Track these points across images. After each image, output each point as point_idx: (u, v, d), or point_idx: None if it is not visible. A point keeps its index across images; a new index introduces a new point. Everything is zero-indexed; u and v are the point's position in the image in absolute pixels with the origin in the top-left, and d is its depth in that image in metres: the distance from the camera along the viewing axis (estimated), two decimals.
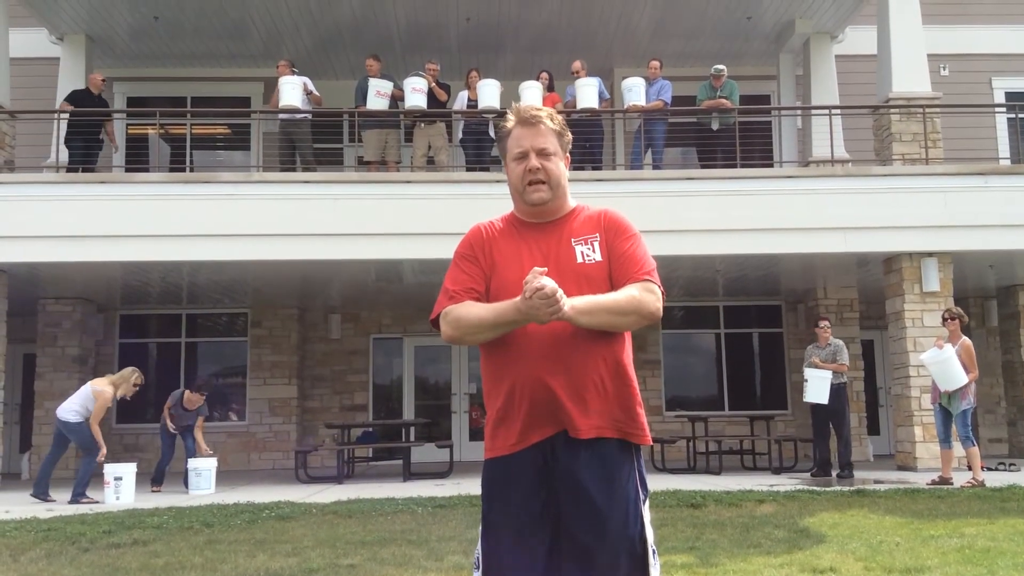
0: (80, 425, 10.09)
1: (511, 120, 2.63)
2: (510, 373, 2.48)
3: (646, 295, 2.49)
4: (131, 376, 10.53)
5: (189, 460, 11.03)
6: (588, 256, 2.54)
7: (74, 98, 13.06)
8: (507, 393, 2.48)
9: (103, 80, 13.44)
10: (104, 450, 10.16)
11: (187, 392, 11.51)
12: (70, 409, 10.14)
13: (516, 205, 2.67)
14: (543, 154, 2.57)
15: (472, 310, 2.49)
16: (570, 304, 2.36)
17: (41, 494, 10.06)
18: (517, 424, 2.47)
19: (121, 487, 9.99)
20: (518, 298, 2.37)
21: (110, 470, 10.08)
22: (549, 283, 2.32)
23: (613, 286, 2.51)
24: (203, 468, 10.85)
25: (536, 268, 2.36)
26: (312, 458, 13.70)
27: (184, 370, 15.69)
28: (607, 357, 2.48)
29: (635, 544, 2.45)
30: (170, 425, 11.44)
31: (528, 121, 2.59)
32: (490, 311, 2.46)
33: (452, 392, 16.33)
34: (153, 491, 11.03)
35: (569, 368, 2.44)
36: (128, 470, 10.16)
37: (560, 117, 2.66)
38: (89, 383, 10.48)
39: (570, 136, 2.67)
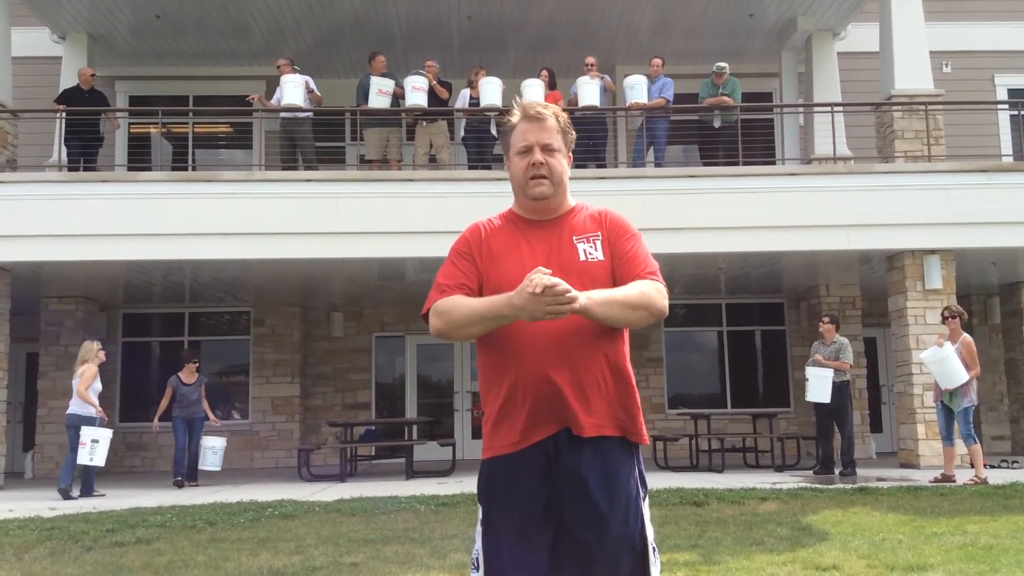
0: (79, 417, 10.50)
1: (516, 115, 2.63)
2: (512, 369, 2.46)
3: (654, 293, 2.50)
4: (92, 347, 10.84)
5: (203, 438, 11.65)
6: (591, 254, 2.53)
7: (65, 97, 13.06)
8: (509, 390, 2.46)
9: (93, 75, 13.30)
10: (101, 411, 10.56)
11: (180, 372, 11.97)
12: (72, 404, 10.63)
13: (517, 200, 2.66)
14: (547, 150, 2.56)
15: (460, 302, 2.47)
16: (586, 296, 2.36)
17: (74, 491, 10.37)
18: (520, 422, 2.45)
19: (96, 449, 10.29)
20: (512, 293, 2.35)
21: (87, 433, 10.32)
22: (559, 280, 2.31)
23: (615, 283, 2.52)
24: (218, 447, 11.58)
25: (540, 268, 2.35)
26: (315, 456, 13.71)
27: None
28: (609, 355, 2.48)
29: (636, 542, 2.44)
30: (156, 422, 11.91)
31: (533, 116, 2.59)
32: (481, 304, 2.44)
33: (454, 390, 16.34)
34: (177, 484, 11.43)
35: (573, 364, 2.43)
36: (105, 434, 10.45)
37: (565, 115, 2.66)
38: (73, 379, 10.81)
39: (574, 134, 2.67)
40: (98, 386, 10.74)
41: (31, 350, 14.99)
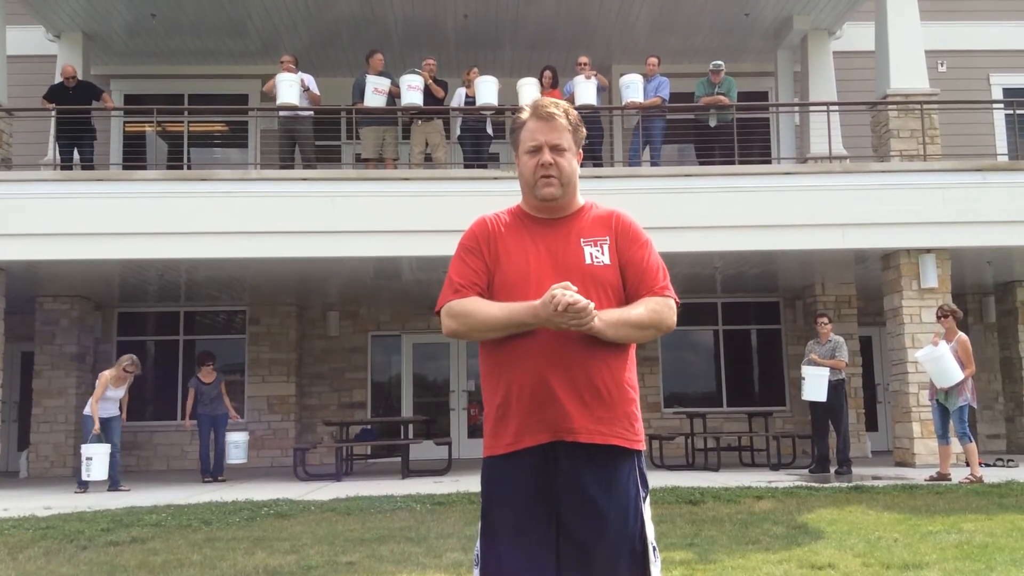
0: (86, 418, 11.16)
1: (526, 113, 2.61)
2: (510, 370, 2.46)
3: (665, 310, 2.52)
4: (123, 362, 11.44)
5: (227, 434, 12.40)
6: (597, 258, 2.52)
7: (50, 94, 13.00)
8: (506, 390, 2.46)
9: (71, 78, 13.00)
10: (96, 427, 10.96)
11: (199, 373, 12.56)
12: (87, 405, 11.29)
13: (525, 199, 2.64)
14: (556, 150, 2.55)
15: (483, 308, 2.47)
16: (598, 318, 2.38)
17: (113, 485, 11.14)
18: (513, 424, 2.45)
19: (92, 465, 10.74)
20: (536, 303, 2.36)
21: (84, 451, 10.83)
22: (581, 298, 2.34)
23: (627, 293, 2.53)
24: (240, 441, 12.38)
25: (567, 284, 2.37)
26: (311, 456, 13.70)
27: (182, 368, 15.67)
28: (610, 361, 2.47)
29: (635, 542, 2.44)
30: (188, 420, 12.53)
31: (543, 115, 2.57)
32: (503, 312, 2.44)
33: (451, 389, 16.33)
34: (205, 481, 12.04)
35: (571, 369, 2.43)
36: (101, 451, 10.87)
37: (575, 112, 2.64)
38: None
39: (584, 132, 2.65)
40: (111, 393, 11.24)
41: (26, 349, 14.96)
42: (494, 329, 2.46)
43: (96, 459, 10.73)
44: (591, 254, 2.53)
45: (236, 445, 12.40)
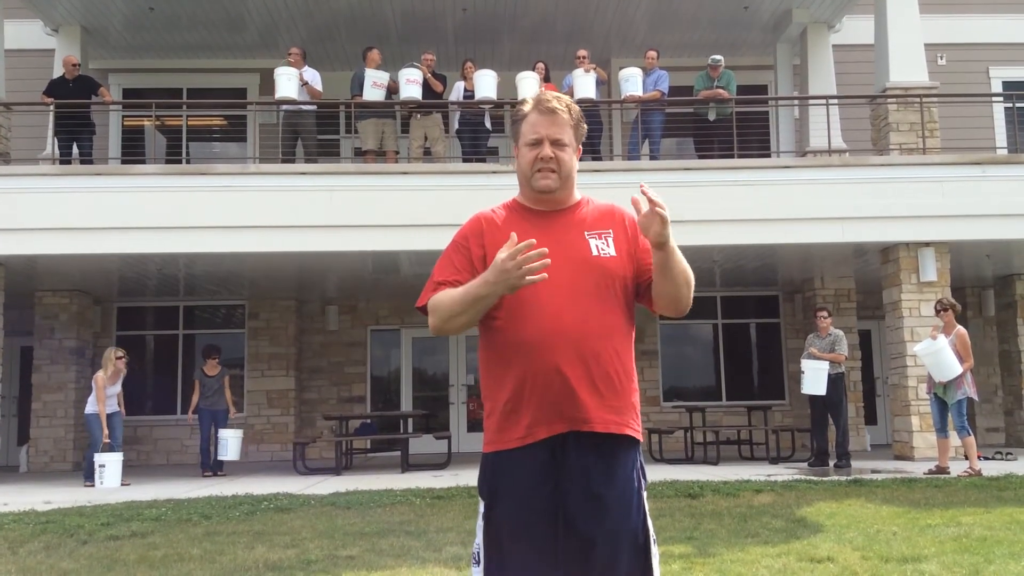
0: (89, 416, 11.43)
1: (528, 105, 2.60)
2: (521, 361, 2.42)
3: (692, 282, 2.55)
4: (110, 354, 11.60)
5: (220, 431, 12.33)
6: (603, 250, 2.51)
7: (51, 88, 12.99)
8: (516, 383, 2.43)
9: (75, 65, 13.08)
10: (105, 433, 11.20)
11: (204, 366, 12.58)
12: (88, 404, 11.59)
13: (522, 190, 2.63)
14: (557, 144, 2.53)
15: (445, 295, 2.46)
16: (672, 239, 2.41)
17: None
18: (526, 417, 2.42)
19: (105, 473, 10.93)
20: (486, 272, 2.35)
21: (97, 459, 11.01)
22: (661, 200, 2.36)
23: (641, 284, 2.54)
24: (231, 437, 12.22)
25: (513, 237, 2.32)
26: (310, 450, 13.72)
27: (182, 362, 15.68)
28: (620, 351, 2.47)
29: (638, 535, 2.43)
30: (191, 416, 12.53)
31: (546, 109, 2.56)
32: (459, 292, 2.43)
33: (450, 383, 16.34)
34: (205, 476, 12.00)
35: (585, 359, 2.41)
36: (113, 459, 11.07)
37: (578, 108, 2.62)
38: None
39: (585, 128, 2.64)
40: (108, 390, 11.40)
41: (25, 344, 14.96)
42: (457, 312, 2.43)
43: (109, 467, 10.97)
44: (597, 246, 2.51)
45: (228, 442, 12.28)
